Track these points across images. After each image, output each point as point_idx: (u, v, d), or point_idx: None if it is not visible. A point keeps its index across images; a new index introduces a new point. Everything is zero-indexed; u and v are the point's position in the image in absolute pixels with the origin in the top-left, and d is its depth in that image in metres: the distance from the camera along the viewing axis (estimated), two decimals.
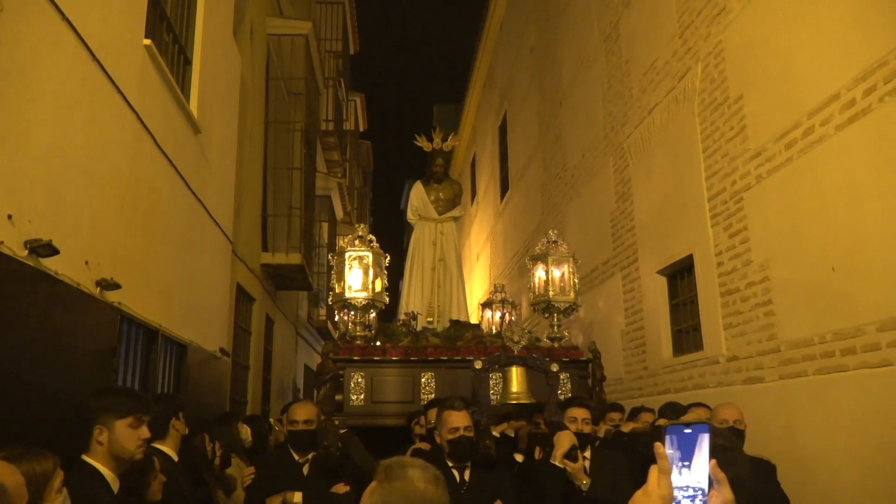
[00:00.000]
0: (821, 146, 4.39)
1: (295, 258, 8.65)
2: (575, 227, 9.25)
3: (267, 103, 8.98)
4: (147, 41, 4.22)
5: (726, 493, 1.09)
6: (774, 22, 4.88)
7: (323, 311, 13.84)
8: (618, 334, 7.62)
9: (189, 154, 5.23)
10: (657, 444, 1.10)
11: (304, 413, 3.65)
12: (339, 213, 14.88)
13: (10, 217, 2.69)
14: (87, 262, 3.39)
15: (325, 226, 13.90)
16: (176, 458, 3.33)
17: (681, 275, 6.49)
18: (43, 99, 3.02)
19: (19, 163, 2.81)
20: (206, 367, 5.73)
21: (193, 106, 5.28)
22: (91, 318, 3.43)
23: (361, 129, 19.84)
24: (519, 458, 4.08)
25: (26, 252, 2.79)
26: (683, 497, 1.09)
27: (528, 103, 12.35)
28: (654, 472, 1.09)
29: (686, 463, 1.09)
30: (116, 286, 3.59)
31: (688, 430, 1.10)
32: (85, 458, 2.44)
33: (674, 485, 1.08)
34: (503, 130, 14.72)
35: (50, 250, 2.85)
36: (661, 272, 6.72)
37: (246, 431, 5.49)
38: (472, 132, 19.33)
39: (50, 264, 2.98)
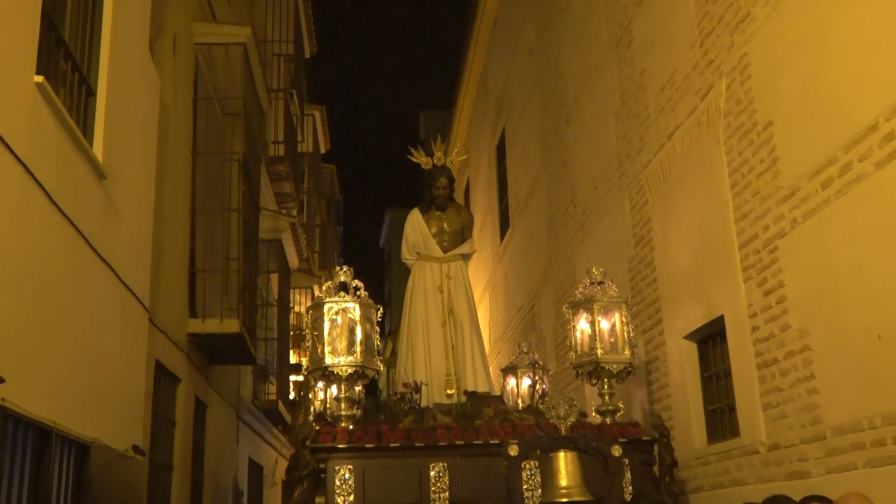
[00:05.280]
0: (859, 186, 4.76)
1: (231, 325, 8.94)
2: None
3: (195, 130, 9.39)
4: (39, 78, 4.60)
5: None
6: (799, 37, 5.31)
7: (273, 388, 14.06)
8: (640, 414, 7.91)
9: (92, 206, 5.58)
10: None
11: None
12: (294, 261, 15.24)
13: None
14: None
15: (275, 277, 14.25)
16: None
17: (713, 340, 6.82)
18: None
19: None
20: (114, 470, 5.99)
21: (98, 147, 5.66)
22: None
23: (323, 150, 20.38)
24: None
25: None
26: None
27: (528, 117, 12.84)
28: None
29: None
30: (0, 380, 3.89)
31: None
32: None
33: None
34: (501, 150, 15.21)
35: None
36: (688, 337, 7.06)
37: None
38: (465, 151, 19.83)
39: None
